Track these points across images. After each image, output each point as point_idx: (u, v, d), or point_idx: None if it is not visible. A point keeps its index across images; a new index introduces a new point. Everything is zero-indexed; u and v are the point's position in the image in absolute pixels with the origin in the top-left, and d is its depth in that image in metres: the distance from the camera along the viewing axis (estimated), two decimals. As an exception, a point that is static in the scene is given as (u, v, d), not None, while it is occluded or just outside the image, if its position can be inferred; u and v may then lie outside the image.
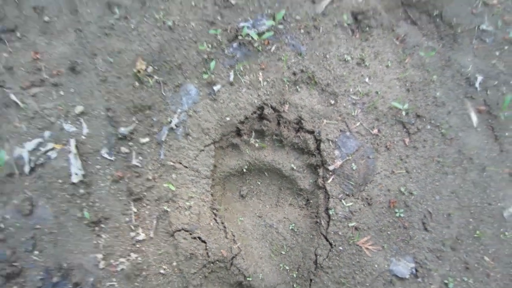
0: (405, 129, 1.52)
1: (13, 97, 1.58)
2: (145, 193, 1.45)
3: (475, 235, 1.45)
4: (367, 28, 1.66)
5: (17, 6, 1.72)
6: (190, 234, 1.37)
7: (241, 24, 1.54)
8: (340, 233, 1.37)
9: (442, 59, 1.68)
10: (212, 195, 1.42)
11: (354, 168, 1.42)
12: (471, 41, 1.75)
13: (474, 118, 1.62)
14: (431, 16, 1.83)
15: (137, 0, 1.66)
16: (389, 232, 1.40)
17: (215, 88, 1.48)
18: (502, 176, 1.54)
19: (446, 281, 1.42)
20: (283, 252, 1.47)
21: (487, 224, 1.47)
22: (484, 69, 1.69)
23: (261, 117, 1.49)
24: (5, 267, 1.37)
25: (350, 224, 1.38)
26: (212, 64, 1.47)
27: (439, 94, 1.59)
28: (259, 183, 1.56)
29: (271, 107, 1.48)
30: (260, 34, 1.51)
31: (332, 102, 1.49)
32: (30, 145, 1.52)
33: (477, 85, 1.67)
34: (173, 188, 1.42)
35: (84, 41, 1.63)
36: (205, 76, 1.49)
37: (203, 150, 1.44)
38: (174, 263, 1.40)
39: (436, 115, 1.56)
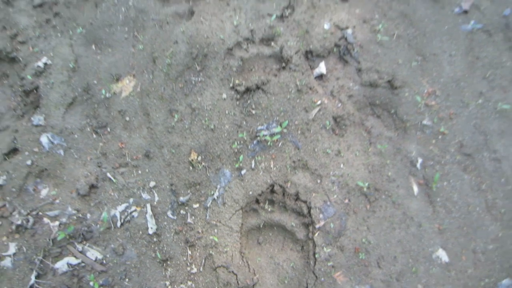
0: (367, 199, 2.30)
1: (108, 174, 2.39)
2: (196, 242, 2.23)
3: (412, 271, 2.21)
4: (344, 126, 2.47)
5: (107, 109, 2.55)
6: (227, 269, 2.14)
7: (259, 128, 2.36)
8: (322, 269, 2.14)
9: (394, 147, 2.47)
10: (240, 243, 2.20)
11: (332, 226, 2.20)
12: (416, 132, 2.55)
13: (415, 189, 2.40)
14: (389, 113, 2.63)
15: (189, 108, 2.48)
16: (354, 269, 2.17)
17: (242, 172, 2.29)
18: (433, 229, 2.30)
19: (392, 301, 2.17)
20: (286, 282, 2.23)
21: (421, 263, 2.23)
22: (423, 153, 2.48)
23: (272, 191, 2.29)
24: (109, 289, 2.15)
25: (329, 264, 2.15)
26: (241, 157, 2.28)
27: (391, 173, 2.38)
28: (270, 234, 2.34)
29: (279, 184, 2.27)
30: (271, 135, 2.32)
31: (319, 181, 2.29)
32: (121, 208, 2.32)
33: (418, 165, 2.45)
34: (215, 239, 2.20)
35: (154, 136, 2.45)
36: (236, 165, 2.29)
37: (234, 214, 2.23)
38: (216, 288, 2.18)
39: (388, 188, 2.35)
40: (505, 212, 2.31)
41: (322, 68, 2.55)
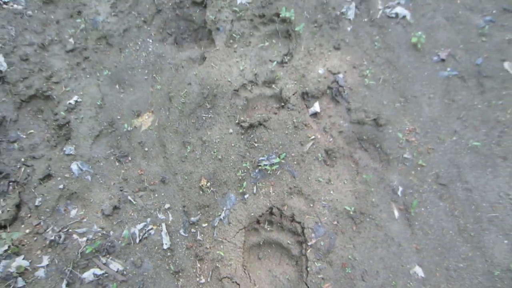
0: (353, 221, 2.87)
1: (129, 197, 2.97)
2: (205, 256, 2.78)
3: (392, 284, 2.73)
4: (334, 158, 3.08)
5: (129, 141, 3.17)
6: (231, 280, 2.68)
7: (260, 159, 2.97)
8: (313, 281, 2.67)
9: (378, 177, 3.06)
10: (243, 258, 2.75)
11: (322, 244, 2.76)
12: (398, 164, 3.14)
13: (396, 213, 2.96)
14: (375, 147, 3.24)
15: (200, 141, 3.11)
16: (341, 281, 2.70)
17: (245, 196, 2.87)
18: (411, 249, 2.85)
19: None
20: (282, 292, 2.75)
21: (400, 278, 2.76)
22: (404, 183, 3.06)
23: (271, 213, 2.86)
24: (130, 296, 2.68)
25: (319, 276, 2.69)
26: (244, 184, 2.87)
27: (375, 200, 2.96)
28: (269, 250, 2.89)
29: (277, 207, 2.85)
30: (271, 165, 2.93)
31: (311, 205, 2.87)
32: (139, 226, 2.89)
33: (399, 193, 3.02)
34: (221, 254, 2.75)
35: (169, 164, 3.06)
36: (240, 190, 2.89)
37: (238, 232, 2.79)
38: (222, 297, 2.69)
39: (372, 212, 2.92)
40: (475, 235, 2.86)
41: (316, 107, 3.20)
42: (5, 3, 3.56)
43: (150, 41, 3.42)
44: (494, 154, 3.02)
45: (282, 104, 3.08)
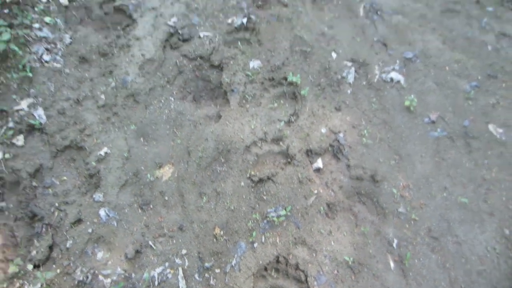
0: (352, 271, 3.10)
1: (149, 242, 3.24)
2: None
3: None
4: (335, 211, 3.36)
5: (151, 190, 3.49)
6: None
7: (269, 211, 3.25)
8: None
9: (375, 229, 3.32)
10: None
11: None
12: (393, 218, 3.41)
13: (392, 264, 3.20)
14: (372, 201, 3.52)
15: (215, 192, 3.41)
16: None
17: (255, 245, 3.14)
18: None
19: None
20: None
21: None
22: (399, 235, 3.32)
23: (277, 261, 3.11)
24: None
25: None
26: (254, 233, 3.15)
27: (372, 251, 3.21)
28: None
29: (283, 256, 3.11)
30: (278, 217, 3.21)
31: (314, 255, 3.12)
32: (158, 270, 3.14)
33: (394, 245, 3.27)
34: None
35: (186, 213, 3.35)
36: (250, 239, 3.16)
37: (247, 278, 3.04)
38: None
39: (370, 263, 3.16)
40: (465, 287, 3.08)
41: (319, 163, 3.52)
42: (46, 62, 4.00)
43: (172, 99, 3.81)
44: (481, 210, 3.28)
45: (289, 160, 3.40)
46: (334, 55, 4.18)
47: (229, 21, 4.33)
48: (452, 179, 3.45)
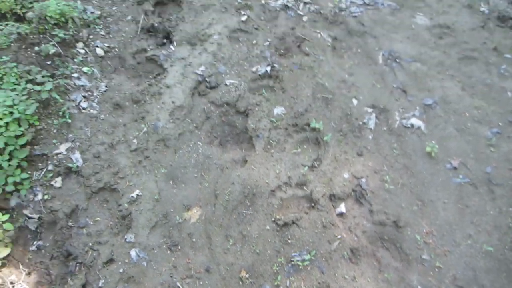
0: None
1: (177, 283, 3.35)
2: None
3: None
4: (358, 256, 3.42)
5: (179, 231, 3.64)
6: None
7: (293, 255, 3.35)
8: None
9: (399, 276, 3.35)
10: None
11: None
12: (417, 264, 3.41)
13: None
14: (396, 247, 3.55)
15: (241, 235, 3.53)
16: None
17: None
18: None
19: None
20: None
21: None
22: (423, 283, 3.31)
23: None
24: None
25: None
26: (279, 277, 3.23)
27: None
28: None
29: None
30: (302, 261, 3.27)
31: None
32: None
33: None
34: None
35: (213, 255, 3.47)
36: (275, 283, 3.23)
37: None
38: None
39: None
40: (493, 338, 3.04)
41: (342, 208, 3.63)
42: (83, 108, 4.33)
43: (200, 143, 4.04)
44: (508, 259, 3.30)
45: (312, 204, 3.54)
46: (355, 101, 4.39)
47: (254, 69, 4.63)
48: (476, 226, 3.50)
